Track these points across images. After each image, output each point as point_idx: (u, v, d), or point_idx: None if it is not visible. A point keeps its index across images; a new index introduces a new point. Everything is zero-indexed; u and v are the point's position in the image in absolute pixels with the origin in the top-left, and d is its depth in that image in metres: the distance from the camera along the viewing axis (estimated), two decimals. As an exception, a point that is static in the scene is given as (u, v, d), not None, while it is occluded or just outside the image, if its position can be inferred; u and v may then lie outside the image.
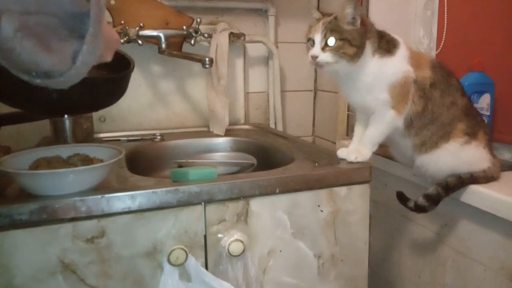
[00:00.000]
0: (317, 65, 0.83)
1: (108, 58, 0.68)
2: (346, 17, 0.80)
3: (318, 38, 0.81)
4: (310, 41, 0.83)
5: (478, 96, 1.04)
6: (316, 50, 0.81)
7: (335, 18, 0.82)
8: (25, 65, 0.50)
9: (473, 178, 0.84)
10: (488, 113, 1.04)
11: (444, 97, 0.86)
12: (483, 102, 1.04)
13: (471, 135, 0.85)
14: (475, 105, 1.00)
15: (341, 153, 0.91)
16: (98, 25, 0.53)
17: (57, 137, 1.14)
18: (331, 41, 0.80)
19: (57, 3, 0.50)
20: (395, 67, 0.83)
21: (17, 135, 1.25)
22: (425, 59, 0.89)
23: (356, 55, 0.80)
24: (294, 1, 1.54)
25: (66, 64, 0.52)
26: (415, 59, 0.86)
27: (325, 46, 0.80)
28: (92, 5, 0.52)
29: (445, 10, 1.19)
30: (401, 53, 0.84)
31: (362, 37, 0.81)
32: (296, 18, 1.55)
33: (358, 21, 0.81)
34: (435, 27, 1.25)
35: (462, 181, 0.84)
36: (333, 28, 0.80)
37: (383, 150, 0.99)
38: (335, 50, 0.80)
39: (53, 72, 0.52)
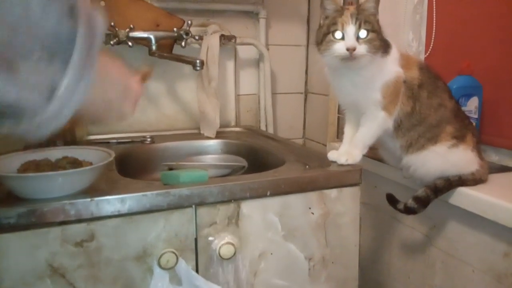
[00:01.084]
0: (350, 58, 0.78)
1: (128, 108, 0.58)
2: (369, 9, 0.80)
3: (351, 29, 0.78)
4: (333, 34, 0.79)
5: (466, 99, 1.05)
6: (352, 41, 0.78)
7: (362, 9, 0.80)
8: None
9: (462, 181, 0.85)
10: (476, 116, 1.06)
11: (431, 98, 0.87)
12: (471, 105, 1.05)
13: (459, 138, 0.86)
14: (464, 108, 1.01)
15: (332, 155, 0.92)
16: (88, 51, 0.41)
17: (46, 139, 1.13)
18: (363, 33, 0.78)
19: (40, 19, 0.37)
20: (388, 66, 0.84)
21: (3, 136, 1.23)
22: (413, 60, 0.90)
23: (382, 47, 0.80)
24: (285, 4, 1.55)
25: (40, 96, 0.39)
26: (404, 60, 0.87)
27: (357, 38, 0.78)
28: (80, 25, 0.40)
29: (434, 14, 1.21)
30: (393, 54, 0.85)
31: (382, 31, 0.81)
32: (287, 20, 1.56)
33: (378, 15, 0.81)
34: (424, 31, 1.27)
35: (451, 183, 0.85)
36: (366, 20, 0.78)
37: (373, 152, 0.99)
38: (369, 42, 0.78)
39: (22, 109, 0.38)
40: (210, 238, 0.78)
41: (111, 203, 0.70)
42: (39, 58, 0.38)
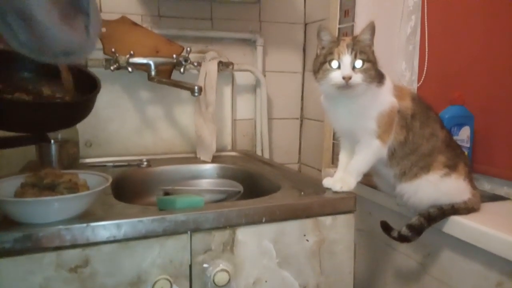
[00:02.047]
0: (346, 86, 0.81)
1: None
2: (365, 41, 0.83)
3: (347, 59, 0.81)
4: (330, 63, 0.82)
5: (458, 128, 1.07)
6: (348, 70, 0.80)
7: (358, 40, 0.83)
8: (61, 47, 0.57)
9: (455, 209, 0.86)
10: (468, 145, 1.08)
11: (423, 128, 0.89)
12: (463, 135, 1.07)
13: (451, 167, 0.88)
14: (456, 137, 1.03)
15: (327, 182, 0.93)
16: (93, 3, 0.62)
17: (43, 162, 1.13)
18: (359, 63, 0.81)
19: None
20: (383, 96, 0.86)
21: (1, 159, 1.24)
22: (405, 90, 0.92)
23: (377, 77, 0.83)
24: (282, 32, 1.58)
25: (84, 38, 0.60)
26: (398, 90, 0.89)
27: (353, 68, 0.81)
28: None
29: (426, 45, 1.25)
30: (387, 84, 0.87)
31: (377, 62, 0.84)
32: (283, 48, 1.59)
33: (373, 47, 0.84)
34: (416, 61, 1.30)
35: (444, 212, 0.86)
36: (361, 50, 0.81)
37: (367, 179, 1.01)
38: (364, 71, 0.81)
39: (77, 48, 0.60)
40: (205, 265, 0.78)
41: (107, 228, 0.71)
42: (74, 13, 0.59)
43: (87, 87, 0.88)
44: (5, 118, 0.76)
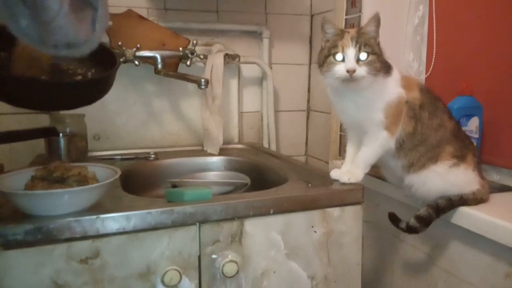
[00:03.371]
0: (350, 80, 0.80)
1: None
2: (370, 33, 0.82)
3: (351, 52, 0.80)
4: (334, 56, 0.81)
5: (467, 119, 1.06)
6: (352, 63, 0.79)
7: (363, 32, 0.82)
8: (65, 39, 0.56)
9: (463, 200, 0.86)
10: (477, 136, 1.07)
11: (432, 118, 0.88)
12: (472, 125, 1.07)
13: (460, 158, 0.87)
14: (464, 128, 1.03)
15: (334, 174, 0.93)
16: None
17: (51, 155, 1.14)
18: (363, 55, 0.80)
19: None
20: (390, 87, 0.86)
21: (10, 153, 1.25)
22: (413, 81, 0.91)
23: (383, 69, 0.82)
24: (288, 24, 1.58)
25: (90, 32, 0.59)
26: (405, 81, 0.88)
27: (357, 61, 0.80)
28: None
29: (434, 35, 1.23)
30: (395, 75, 0.86)
31: (383, 53, 0.83)
32: (289, 40, 1.59)
33: (378, 38, 0.83)
34: (424, 52, 1.29)
35: (452, 203, 0.86)
36: (366, 43, 0.80)
37: (375, 171, 1.00)
38: (369, 64, 0.80)
39: (81, 42, 0.58)
40: (214, 256, 0.79)
41: (116, 220, 0.71)
42: (83, 6, 0.58)
43: (104, 62, 0.87)
44: (27, 96, 0.74)
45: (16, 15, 0.52)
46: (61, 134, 1.13)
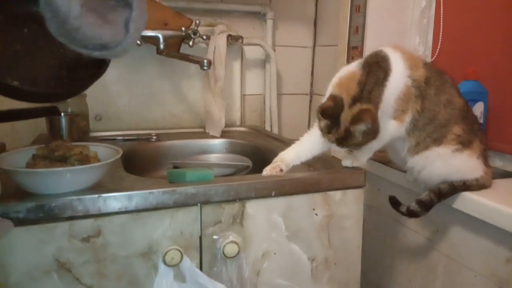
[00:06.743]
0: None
1: None
2: (357, 138, 0.82)
3: (336, 147, 0.85)
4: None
5: (472, 104, 1.05)
6: (339, 151, 0.86)
7: (350, 134, 0.82)
8: (87, 40, 0.53)
9: (466, 186, 0.86)
10: (481, 121, 1.06)
11: (439, 94, 0.85)
12: (477, 111, 1.06)
13: (465, 143, 0.85)
14: (469, 113, 1.01)
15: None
16: None
17: (53, 135, 1.14)
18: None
19: None
20: (395, 83, 0.82)
21: (12, 132, 1.25)
22: (418, 58, 0.88)
23: (375, 132, 0.81)
24: (292, 5, 1.55)
25: (121, 34, 0.56)
26: (410, 60, 0.85)
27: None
28: None
29: (441, 19, 1.21)
30: (396, 71, 0.83)
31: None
32: (293, 22, 1.57)
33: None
34: (430, 35, 1.27)
35: (455, 188, 0.86)
36: (350, 144, 0.83)
37: (377, 155, 1.00)
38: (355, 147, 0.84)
39: (111, 43, 0.55)
40: (215, 237, 0.79)
41: (118, 199, 0.71)
42: (114, 6, 0.55)
43: None
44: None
45: (46, 14, 0.51)
46: (62, 114, 1.12)
